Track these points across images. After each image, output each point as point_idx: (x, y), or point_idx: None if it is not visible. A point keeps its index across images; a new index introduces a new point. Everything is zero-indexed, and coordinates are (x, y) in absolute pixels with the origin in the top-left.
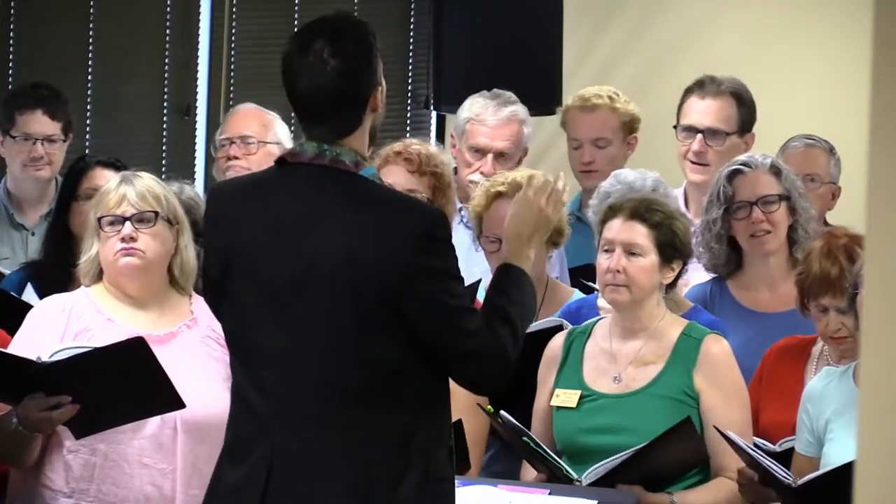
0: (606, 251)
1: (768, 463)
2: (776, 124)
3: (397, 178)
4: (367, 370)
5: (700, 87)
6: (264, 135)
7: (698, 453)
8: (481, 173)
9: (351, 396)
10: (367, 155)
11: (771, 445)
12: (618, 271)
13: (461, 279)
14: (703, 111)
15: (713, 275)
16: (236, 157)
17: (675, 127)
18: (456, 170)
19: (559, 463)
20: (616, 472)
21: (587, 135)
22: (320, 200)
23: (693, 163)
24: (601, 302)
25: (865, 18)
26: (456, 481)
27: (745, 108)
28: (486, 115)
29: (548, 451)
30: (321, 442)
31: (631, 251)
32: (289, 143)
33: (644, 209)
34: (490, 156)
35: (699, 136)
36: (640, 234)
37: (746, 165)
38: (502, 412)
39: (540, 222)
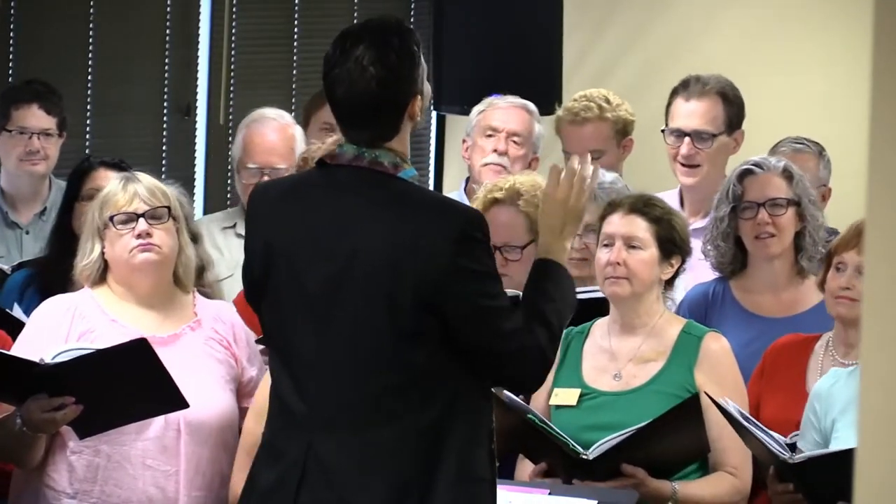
0: (606, 245)
1: (764, 437)
2: (775, 125)
3: None
4: (401, 372)
5: (685, 87)
6: (292, 158)
7: (700, 442)
8: (494, 151)
9: (385, 398)
10: (407, 157)
11: (782, 438)
12: (618, 264)
13: (498, 279)
14: (689, 114)
15: (716, 275)
16: None
17: (662, 131)
18: (468, 180)
19: (565, 438)
20: (621, 451)
21: (579, 148)
22: (357, 203)
23: (683, 165)
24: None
25: (865, 18)
26: None
27: (731, 106)
28: (497, 101)
29: (553, 427)
30: (355, 443)
31: (631, 244)
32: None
33: (643, 204)
34: (503, 134)
35: (687, 139)
36: (640, 227)
37: (758, 166)
38: (505, 391)
39: (568, 212)
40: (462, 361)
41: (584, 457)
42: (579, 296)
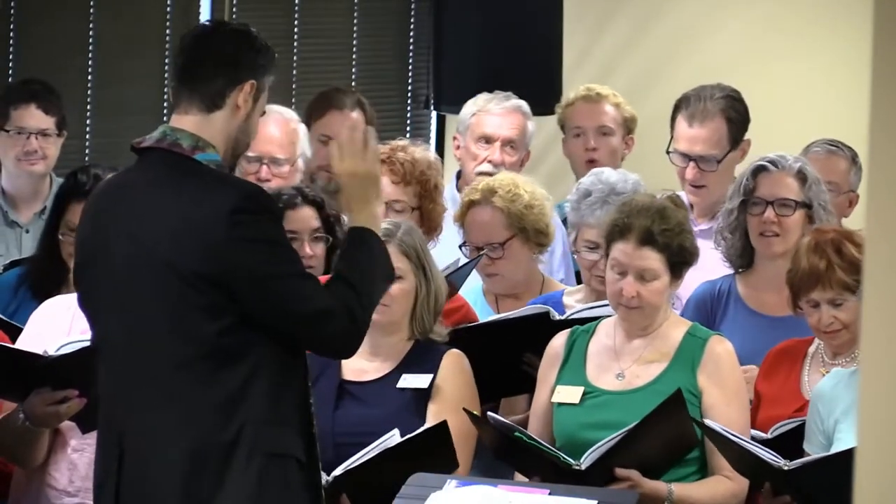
0: (615, 270)
1: (756, 448)
2: (777, 127)
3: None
4: (194, 346)
5: (687, 106)
6: (293, 152)
7: (688, 435)
8: (489, 161)
9: (179, 373)
10: (212, 144)
11: (762, 434)
12: (632, 296)
13: (289, 247)
14: (692, 139)
15: (723, 272)
16: (267, 180)
17: (668, 152)
18: (459, 174)
19: (555, 452)
20: (613, 456)
21: (591, 122)
22: (149, 183)
23: (691, 185)
24: (567, 299)
25: (865, 20)
26: (455, 481)
27: (735, 124)
28: (491, 105)
29: (541, 442)
30: (159, 420)
31: (644, 276)
32: (308, 148)
33: (658, 231)
34: (497, 143)
35: (692, 163)
36: (652, 258)
37: (773, 164)
38: (490, 413)
39: (365, 180)
40: (264, 334)
41: (577, 467)
42: (592, 312)
